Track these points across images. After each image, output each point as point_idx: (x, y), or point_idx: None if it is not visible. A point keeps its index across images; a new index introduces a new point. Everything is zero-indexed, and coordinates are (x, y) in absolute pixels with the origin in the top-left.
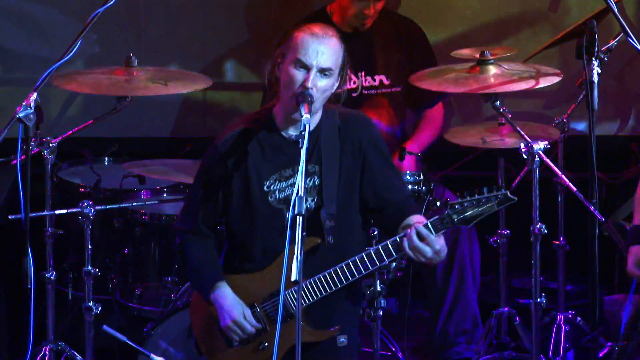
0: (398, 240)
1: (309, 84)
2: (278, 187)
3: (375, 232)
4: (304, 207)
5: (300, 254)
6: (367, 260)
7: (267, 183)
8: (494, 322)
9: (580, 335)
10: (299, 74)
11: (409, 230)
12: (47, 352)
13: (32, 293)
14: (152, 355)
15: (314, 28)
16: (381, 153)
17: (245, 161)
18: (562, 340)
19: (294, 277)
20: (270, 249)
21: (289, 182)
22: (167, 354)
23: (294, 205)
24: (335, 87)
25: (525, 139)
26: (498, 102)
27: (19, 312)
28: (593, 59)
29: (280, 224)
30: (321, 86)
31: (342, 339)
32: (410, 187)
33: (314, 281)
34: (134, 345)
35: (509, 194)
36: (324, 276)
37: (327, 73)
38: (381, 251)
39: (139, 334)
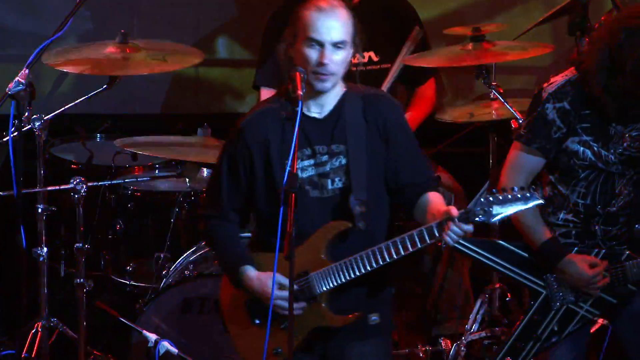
0: (437, 228)
1: (326, 60)
2: (300, 166)
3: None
4: (297, 183)
5: (294, 230)
6: (400, 246)
7: (289, 162)
8: (486, 297)
9: None
10: (313, 52)
11: (451, 224)
12: (39, 329)
13: (24, 269)
14: (145, 332)
15: (320, 2)
16: (406, 134)
17: (267, 140)
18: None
19: (286, 254)
20: (298, 228)
21: (311, 162)
22: (160, 331)
23: (285, 181)
24: (351, 56)
25: (516, 115)
26: (491, 78)
27: (12, 288)
28: (585, 35)
29: (304, 204)
30: (337, 59)
31: (374, 317)
32: None
33: (343, 265)
34: (126, 322)
35: (538, 197)
36: (355, 260)
37: (340, 45)
38: (415, 237)
39: (131, 310)
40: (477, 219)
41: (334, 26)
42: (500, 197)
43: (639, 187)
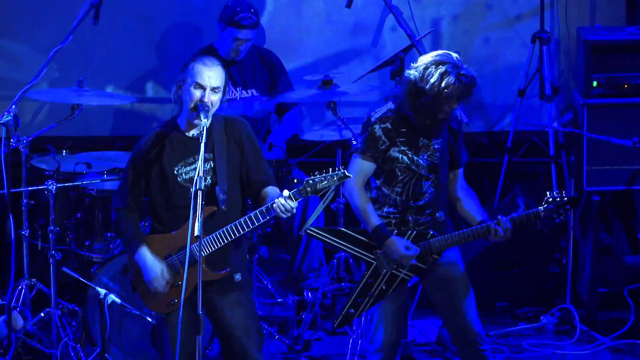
0: (270, 206)
1: (206, 99)
2: (184, 170)
3: (249, 201)
4: (203, 184)
5: (201, 217)
6: (248, 221)
7: (176, 168)
8: (335, 262)
9: None
10: (197, 93)
11: (278, 199)
12: (23, 287)
13: (12, 245)
14: (97, 288)
15: (204, 59)
16: (254, 145)
17: (160, 153)
18: None
19: (196, 233)
20: (179, 215)
21: (191, 167)
22: (108, 287)
23: (196, 183)
24: (221, 99)
25: (355, 136)
26: (337, 109)
27: (3, 258)
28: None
29: (186, 197)
30: (214, 100)
31: (237, 276)
32: (276, 169)
33: (213, 237)
34: (84, 281)
35: (346, 172)
36: (220, 233)
37: (216, 90)
38: (258, 214)
39: (88, 273)
40: (307, 193)
41: (212, 76)
42: (322, 177)
43: (439, 188)
